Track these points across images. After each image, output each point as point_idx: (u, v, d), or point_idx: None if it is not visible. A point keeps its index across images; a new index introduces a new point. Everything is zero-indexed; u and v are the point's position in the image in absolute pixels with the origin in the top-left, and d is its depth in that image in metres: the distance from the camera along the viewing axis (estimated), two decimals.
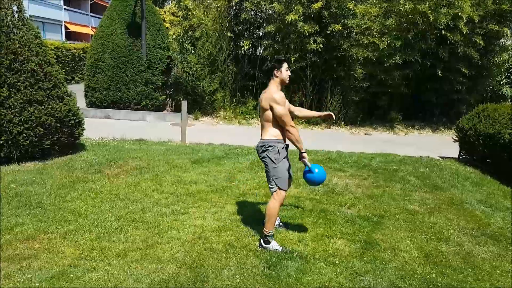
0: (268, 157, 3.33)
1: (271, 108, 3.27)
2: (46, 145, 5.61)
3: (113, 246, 3.33)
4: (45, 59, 5.68)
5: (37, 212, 3.93)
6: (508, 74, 13.97)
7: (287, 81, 3.40)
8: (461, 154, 7.48)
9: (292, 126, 3.26)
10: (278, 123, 3.32)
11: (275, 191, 3.37)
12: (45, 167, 5.39)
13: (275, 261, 3.17)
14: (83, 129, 6.32)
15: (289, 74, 3.42)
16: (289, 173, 3.41)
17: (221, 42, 10.53)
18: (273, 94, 3.27)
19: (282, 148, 3.37)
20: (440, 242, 3.75)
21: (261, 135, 3.44)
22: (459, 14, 9.45)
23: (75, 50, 17.66)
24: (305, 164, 3.39)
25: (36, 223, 3.68)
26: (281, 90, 3.39)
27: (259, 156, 3.44)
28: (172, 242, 3.45)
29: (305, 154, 3.35)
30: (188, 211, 4.16)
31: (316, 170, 3.40)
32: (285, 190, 3.40)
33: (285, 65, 3.38)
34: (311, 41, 9.80)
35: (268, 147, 3.33)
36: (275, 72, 3.36)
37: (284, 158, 3.38)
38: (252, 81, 11.28)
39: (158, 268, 3.03)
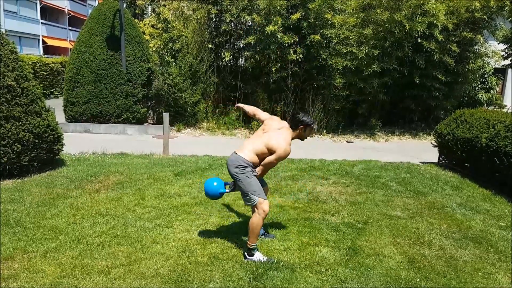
0: (243, 173, 3.30)
1: (270, 151, 3.32)
2: (24, 161, 5.49)
3: (95, 263, 3.26)
4: (22, 74, 5.59)
5: (16, 230, 3.82)
6: (483, 80, 14.45)
7: (302, 140, 3.55)
8: (441, 158, 7.64)
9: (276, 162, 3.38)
10: (264, 152, 3.35)
11: (256, 204, 3.31)
12: (23, 184, 5.26)
13: (261, 272, 3.16)
14: (62, 145, 6.21)
15: (309, 136, 3.62)
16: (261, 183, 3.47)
17: (202, 54, 10.55)
18: (285, 147, 3.30)
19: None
20: (423, 247, 3.80)
21: (243, 149, 3.39)
22: (434, 22, 9.74)
23: (53, 64, 17.42)
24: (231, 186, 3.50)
25: (15, 242, 3.57)
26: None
27: (230, 171, 3.36)
28: (156, 257, 3.39)
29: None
30: (172, 225, 4.11)
31: (215, 184, 3.51)
32: (265, 199, 3.36)
33: (311, 128, 3.50)
34: (291, 52, 9.94)
35: (244, 167, 3.31)
36: (300, 127, 3.42)
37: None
38: (234, 92, 11.32)
39: (142, 284, 2.98)
